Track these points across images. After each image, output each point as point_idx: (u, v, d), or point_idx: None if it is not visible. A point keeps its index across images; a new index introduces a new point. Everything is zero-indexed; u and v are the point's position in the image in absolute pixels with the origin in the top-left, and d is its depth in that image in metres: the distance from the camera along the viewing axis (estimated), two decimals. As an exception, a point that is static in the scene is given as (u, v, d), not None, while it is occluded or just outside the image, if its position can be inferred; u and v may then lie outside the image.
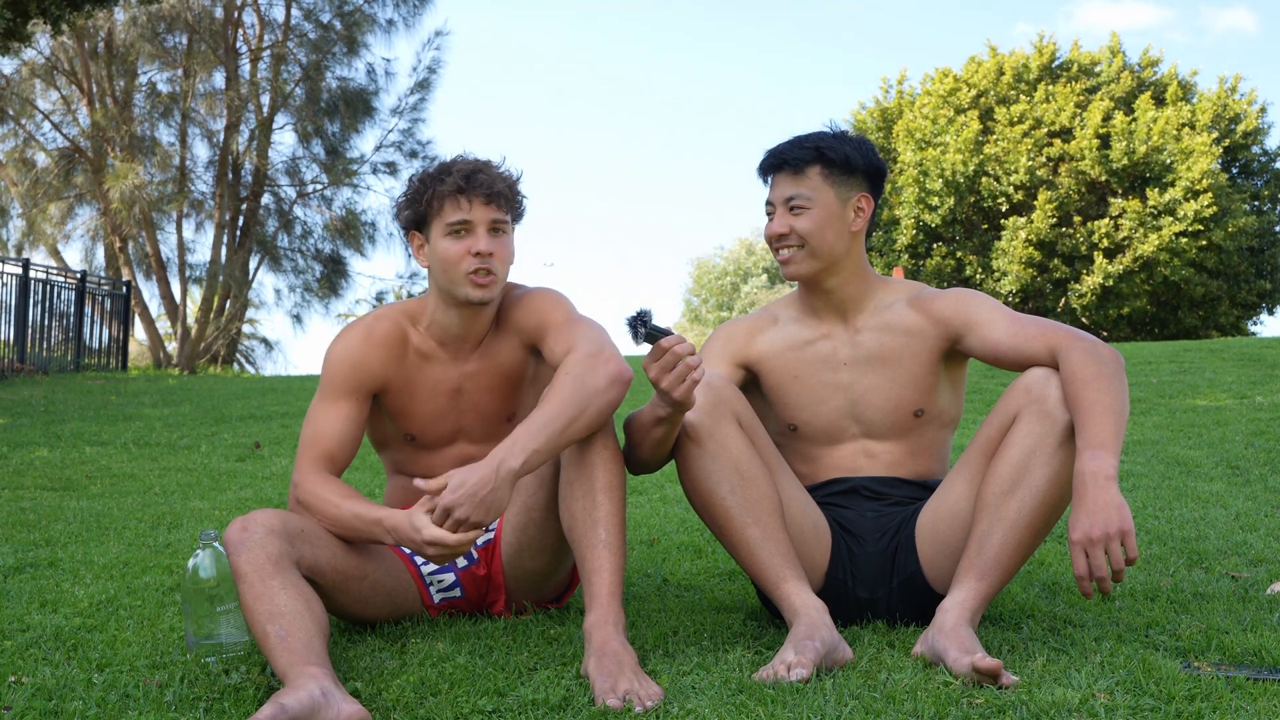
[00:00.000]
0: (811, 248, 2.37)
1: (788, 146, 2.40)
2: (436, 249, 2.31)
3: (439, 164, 2.35)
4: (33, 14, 9.15)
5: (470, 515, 2.01)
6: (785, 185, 2.38)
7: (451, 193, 2.27)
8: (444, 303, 2.36)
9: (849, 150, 2.38)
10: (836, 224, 2.37)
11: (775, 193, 2.41)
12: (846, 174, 2.38)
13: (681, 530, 3.62)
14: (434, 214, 2.30)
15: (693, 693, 1.87)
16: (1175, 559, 2.99)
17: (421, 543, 2.05)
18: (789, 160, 2.38)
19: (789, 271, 2.41)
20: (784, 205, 2.38)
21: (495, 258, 2.28)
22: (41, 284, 12.90)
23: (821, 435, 2.41)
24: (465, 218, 2.27)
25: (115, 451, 6.19)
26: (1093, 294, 21.06)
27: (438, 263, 2.31)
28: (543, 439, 2.07)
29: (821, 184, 2.36)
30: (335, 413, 2.32)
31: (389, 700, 1.88)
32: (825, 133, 2.42)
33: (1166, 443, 5.32)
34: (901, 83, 24.70)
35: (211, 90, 18.49)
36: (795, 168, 2.37)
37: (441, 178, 2.30)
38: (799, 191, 2.36)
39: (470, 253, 2.27)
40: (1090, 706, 1.72)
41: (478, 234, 2.28)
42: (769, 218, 2.42)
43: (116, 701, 1.88)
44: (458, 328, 2.37)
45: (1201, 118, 21.65)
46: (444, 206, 2.29)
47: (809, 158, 2.37)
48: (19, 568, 3.12)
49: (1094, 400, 2.03)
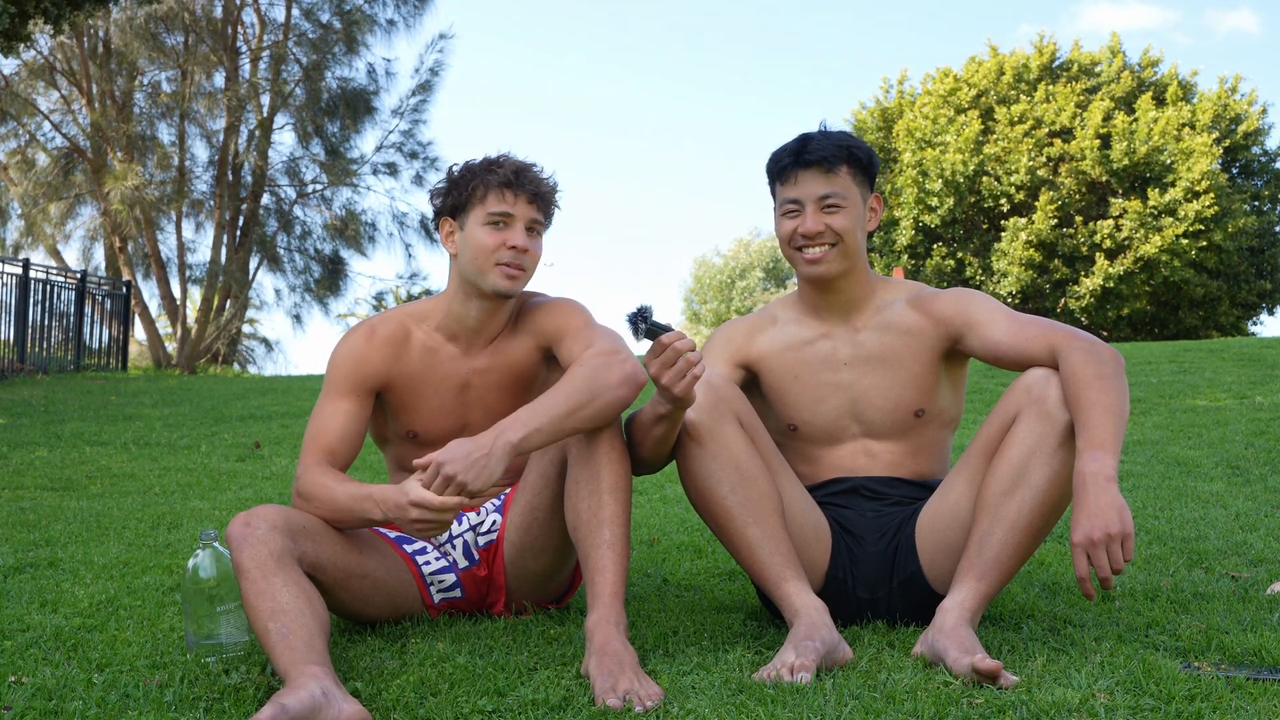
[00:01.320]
0: (845, 246, 2.35)
1: (819, 143, 2.35)
2: (472, 236, 2.33)
3: (485, 157, 2.38)
4: (33, 13, 9.16)
5: (460, 474, 2.00)
6: (817, 183, 2.34)
7: (499, 185, 2.31)
8: (464, 293, 2.37)
9: (868, 150, 2.39)
10: (861, 224, 2.38)
11: (804, 190, 2.35)
12: (866, 174, 2.39)
13: (681, 530, 3.62)
14: (476, 202, 2.33)
15: (693, 693, 1.87)
16: (1175, 559, 2.99)
17: (407, 504, 2.03)
18: (825, 157, 2.33)
19: (819, 270, 2.36)
20: (816, 203, 2.34)
21: (528, 255, 2.32)
22: (41, 284, 12.90)
23: (822, 435, 2.41)
24: (509, 210, 2.31)
25: (115, 451, 6.19)
26: (1092, 295, 21.06)
27: (470, 249, 2.33)
28: (545, 419, 2.08)
29: (850, 183, 2.36)
30: (337, 410, 2.33)
31: (389, 700, 1.88)
32: (846, 132, 2.41)
33: (1166, 443, 5.32)
34: (902, 83, 24.69)
35: (211, 90, 18.49)
36: (829, 165, 2.33)
37: (491, 169, 2.33)
38: (834, 190, 2.34)
39: (507, 245, 2.30)
40: (1090, 706, 1.72)
41: (516, 228, 2.31)
42: (790, 215, 2.37)
43: (116, 701, 1.88)
44: (474, 320, 2.38)
45: (1202, 118, 21.66)
46: (488, 196, 2.32)
47: (842, 156, 2.34)
48: (19, 568, 3.12)
49: (1094, 401, 2.03)
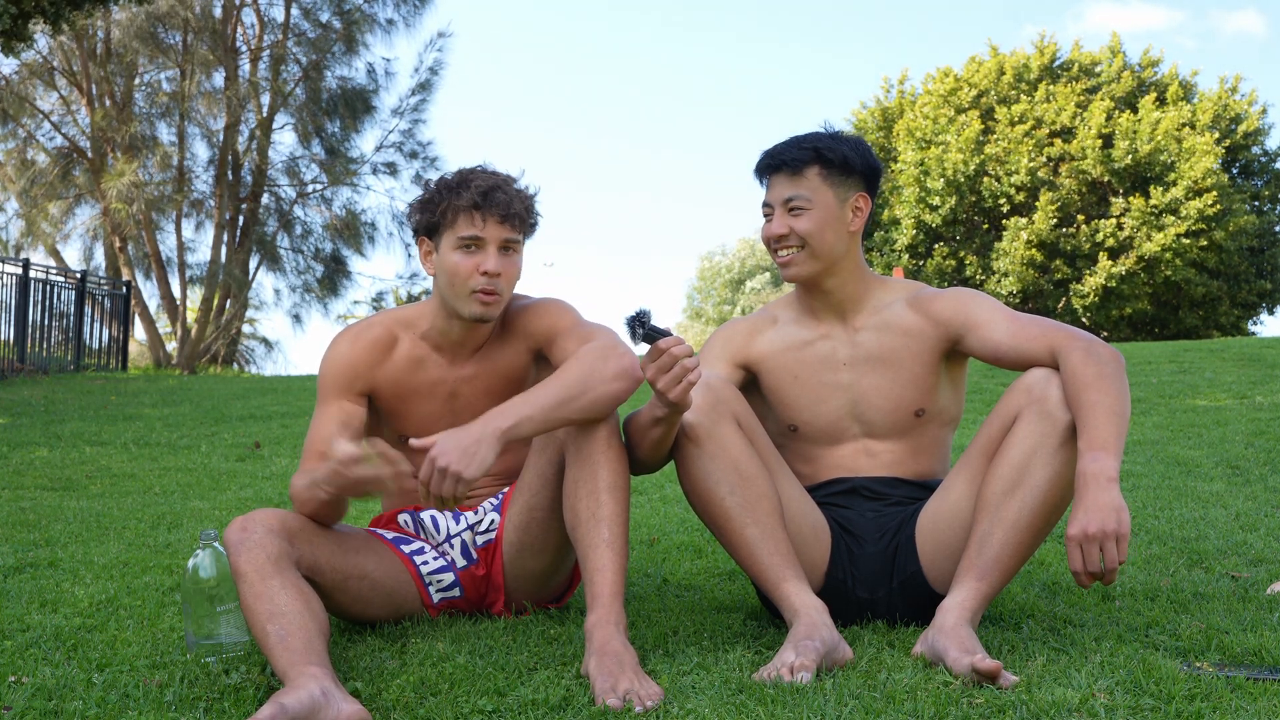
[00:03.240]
0: (812, 248, 2.35)
1: (785, 147, 2.38)
2: (445, 260, 2.29)
3: (458, 173, 2.32)
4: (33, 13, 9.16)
5: (454, 465, 1.99)
6: (783, 186, 2.36)
7: (467, 208, 2.26)
8: (445, 311, 2.36)
9: (846, 150, 2.37)
10: (836, 224, 2.36)
11: (773, 194, 2.38)
12: (844, 174, 2.37)
13: (681, 530, 3.62)
14: (446, 225, 2.28)
15: (693, 693, 1.87)
16: (1175, 559, 2.99)
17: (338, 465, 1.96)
18: (787, 161, 2.36)
19: (789, 274, 2.39)
20: (783, 206, 2.36)
21: (503, 278, 2.28)
22: (41, 284, 12.90)
23: (822, 435, 2.41)
24: (478, 234, 2.26)
25: (115, 451, 6.19)
26: (1094, 294, 21.06)
27: (444, 274, 2.30)
28: (536, 408, 2.07)
29: (820, 184, 2.35)
30: (329, 415, 2.33)
31: (389, 700, 1.87)
32: (822, 133, 2.40)
33: (1166, 443, 5.32)
34: (903, 82, 24.70)
35: (211, 90, 18.48)
36: (793, 168, 2.35)
37: (459, 190, 2.27)
38: (798, 192, 2.35)
39: (479, 270, 2.26)
40: (1090, 706, 1.72)
41: (488, 252, 2.27)
42: (766, 219, 2.40)
43: (116, 701, 1.88)
44: (457, 335, 2.37)
45: (1202, 118, 21.66)
46: (458, 219, 2.27)
47: (807, 158, 2.35)
48: (19, 568, 3.12)
49: (1095, 401, 2.03)
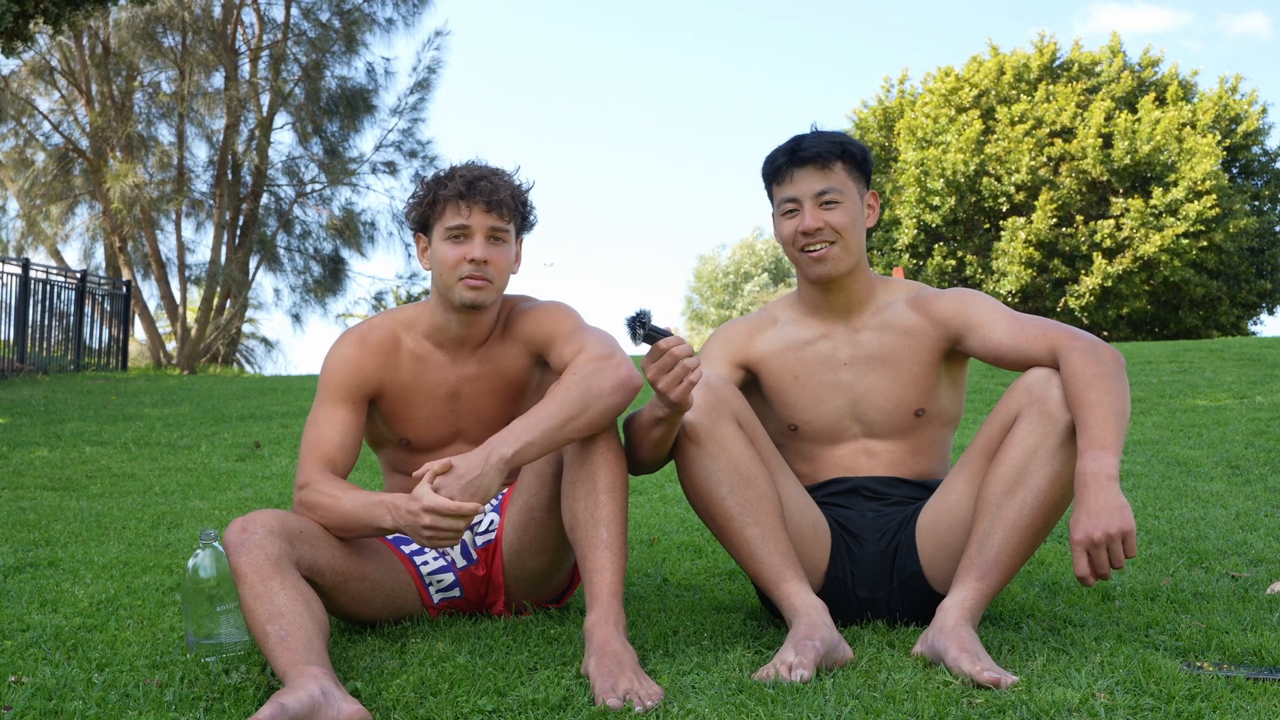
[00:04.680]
0: (845, 242, 2.33)
1: (812, 141, 2.34)
2: (436, 251, 2.32)
3: (450, 168, 2.36)
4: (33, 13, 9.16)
5: (459, 498, 2.02)
6: (814, 179, 2.33)
7: (453, 197, 2.29)
8: (442, 305, 2.37)
9: (862, 146, 2.38)
10: (860, 220, 2.37)
11: (801, 187, 2.33)
12: (862, 171, 2.38)
13: (681, 530, 3.62)
14: (436, 217, 2.32)
15: (693, 693, 1.87)
16: (1175, 559, 2.99)
17: (420, 510, 2.03)
18: (820, 154, 2.32)
19: (823, 270, 2.34)
20: (814, 200, 2.32)
21: (491, 265, 2.29)
22: (41, 284, 12.90)
23: (822, 435, 2.41)
24: (464, 223, 2.28)
25: (115, 451, 6.19)
26: (1092, 294, 21.05)
27: (436, 265, 2.33)
28: (538, 432, 2.08)
29: (847, 179, 2.35)
30: (334, 418, 2.32)
31: (389, 700, 1.88)
32: (837, 130, 2.41)
33: (1166, 443, 5.32)
34: (903, 82, 24.70)
35: (211, 90, 18.48)
36: (824, 162, 2.32)
37: (445, 182, 2.31)
38: (831, 185, 2.32)
39: (466, 259, 2.28)
40: (1090, 706, 1.72)
41: (475, 240, 2.29)
42: (789, 215, 2.36)
43: (116, 701, 1.88)
44: (455, 330, 2.38)
45: (1202, 118, 21.66)
46: (445, 210, 2.30)
47: (836, 152, 2.33)
48: (19, 568, 3.12)
49: (1095, 401, 2.03)
